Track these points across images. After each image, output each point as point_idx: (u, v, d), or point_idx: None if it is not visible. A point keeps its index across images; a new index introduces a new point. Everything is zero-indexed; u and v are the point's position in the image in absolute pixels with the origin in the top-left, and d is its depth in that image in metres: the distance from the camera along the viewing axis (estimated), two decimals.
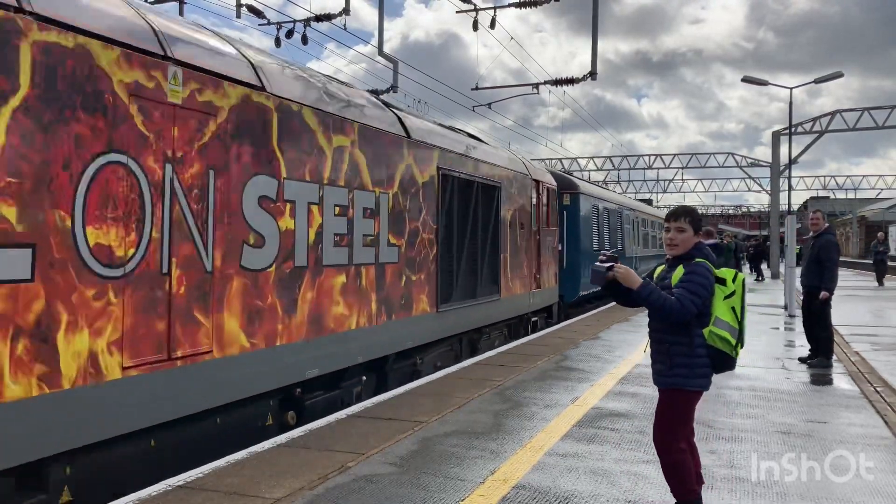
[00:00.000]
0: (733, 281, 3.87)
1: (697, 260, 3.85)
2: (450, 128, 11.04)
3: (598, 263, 3.97)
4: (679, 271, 3.86)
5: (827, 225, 9.38)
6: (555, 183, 15.32)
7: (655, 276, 4.07)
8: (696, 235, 3.93)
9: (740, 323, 3.86)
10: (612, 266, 3.92)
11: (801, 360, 9.42)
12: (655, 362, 3.96)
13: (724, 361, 3.89)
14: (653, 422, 4.07)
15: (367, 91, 12.39)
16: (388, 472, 4.79)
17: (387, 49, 17.05)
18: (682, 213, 4.00)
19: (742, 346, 3.92)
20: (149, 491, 4.43)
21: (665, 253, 4.20)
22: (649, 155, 50.59)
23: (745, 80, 28.78)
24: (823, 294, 9.08)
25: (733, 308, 3.83)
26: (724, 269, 3.93)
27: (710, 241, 10.87)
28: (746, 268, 34.29)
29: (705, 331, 3.81)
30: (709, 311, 3.79)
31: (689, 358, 3.81)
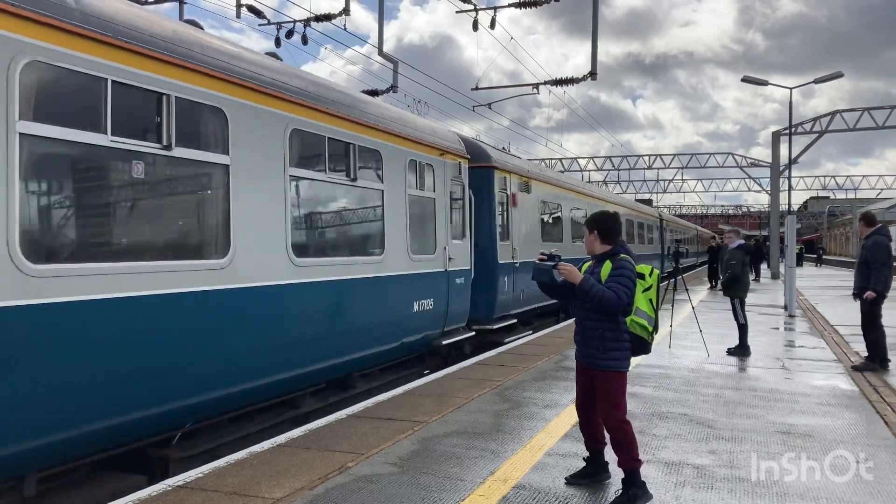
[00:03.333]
0: (650, 275, 4.44)
1: (622, 256, 4.39)
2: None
3: (539, 262, 4.36)
4: (607, 266, 4.37)
5: (879, 225, 9.13)
6: None
7: (582, 271, 4.45)
8: (605, 240, 4.45)
9: (656, 312, 4.46)
10: (556, 265, 4.31)
11: (855, 367, 9.09)
12: (587, 347, 4.43)
13: (642, 346, 4.49)
14: (599, 408, 4.47)
15: (366, 91, 12.41)
16: (388, 472, 4.79)
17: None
18: (586, 222, 4.58)
19: (656, 333, 4.52)
20: (149, 491, 4.44)
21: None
22: (649, 155, 50.57)
23: (745, 80, 28.77)
24: (868, 294, 8.84)
25: (650, 300, 4.43)
26: (641, 266, 4.46)
27: (737, 242, 10.78)
28: None
29: (627, 319, 4.38)
30: (631, 302, 4.32)
31: (619, 342, 4.36)
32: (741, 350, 10.13)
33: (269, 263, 6.36)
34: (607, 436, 4.51)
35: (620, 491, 4.33)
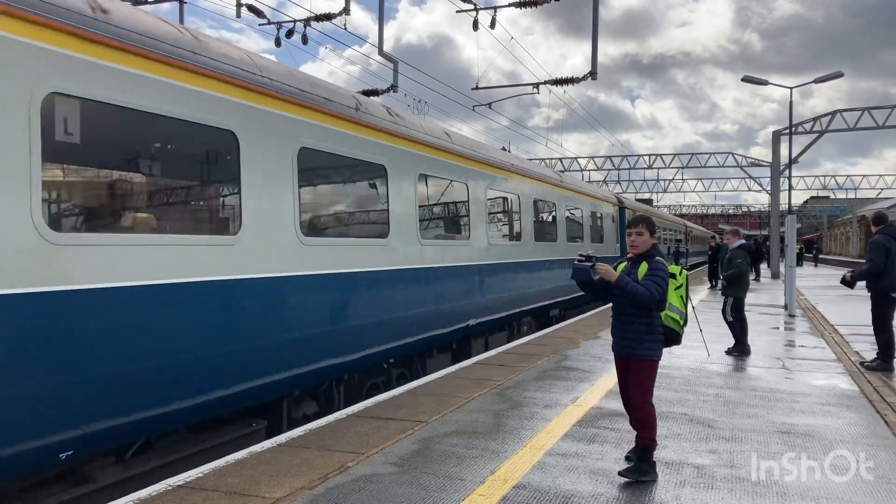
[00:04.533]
0: (680, 275, 4.90)
1: (657, 258, 4.82)
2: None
3: (578, 262, 4.75)
4: (644, 267, 4.79)
5: (883, 225, 9.26)
6: None
7: (619, 271, 4.87)
8: (651, 237, 4.89)
9: (686, 307, 4.94)
10: (593, 264, 4.69)
11: (864, 363, 9.25)
12: (623, 339, 4.86)
13: (674, 337, 4.96)
14: (631, 391, 4.86)
15: (364, 91, 12.40)
16: (389, 472, 4.80)
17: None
18: (640, 221, 4.94)
19: (686, 325, 4.99)
20: (149, 491, 4.44)
21: None
22: (649, 155, 50.56)
23: (746, 79, 28.78)
24: (844, 275, 9.32)
25: (681, 296, 4.91)
26: (672, 266, 4.89)
27: (739, 242, 10.80)
28: None
29: (662, 314, 4.83)
30: (665, 299, 4.77)
31: (654, 335, 4.79)
32: (739, 349, 10.14)
33: None
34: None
35: (633, 461, 4.79)
